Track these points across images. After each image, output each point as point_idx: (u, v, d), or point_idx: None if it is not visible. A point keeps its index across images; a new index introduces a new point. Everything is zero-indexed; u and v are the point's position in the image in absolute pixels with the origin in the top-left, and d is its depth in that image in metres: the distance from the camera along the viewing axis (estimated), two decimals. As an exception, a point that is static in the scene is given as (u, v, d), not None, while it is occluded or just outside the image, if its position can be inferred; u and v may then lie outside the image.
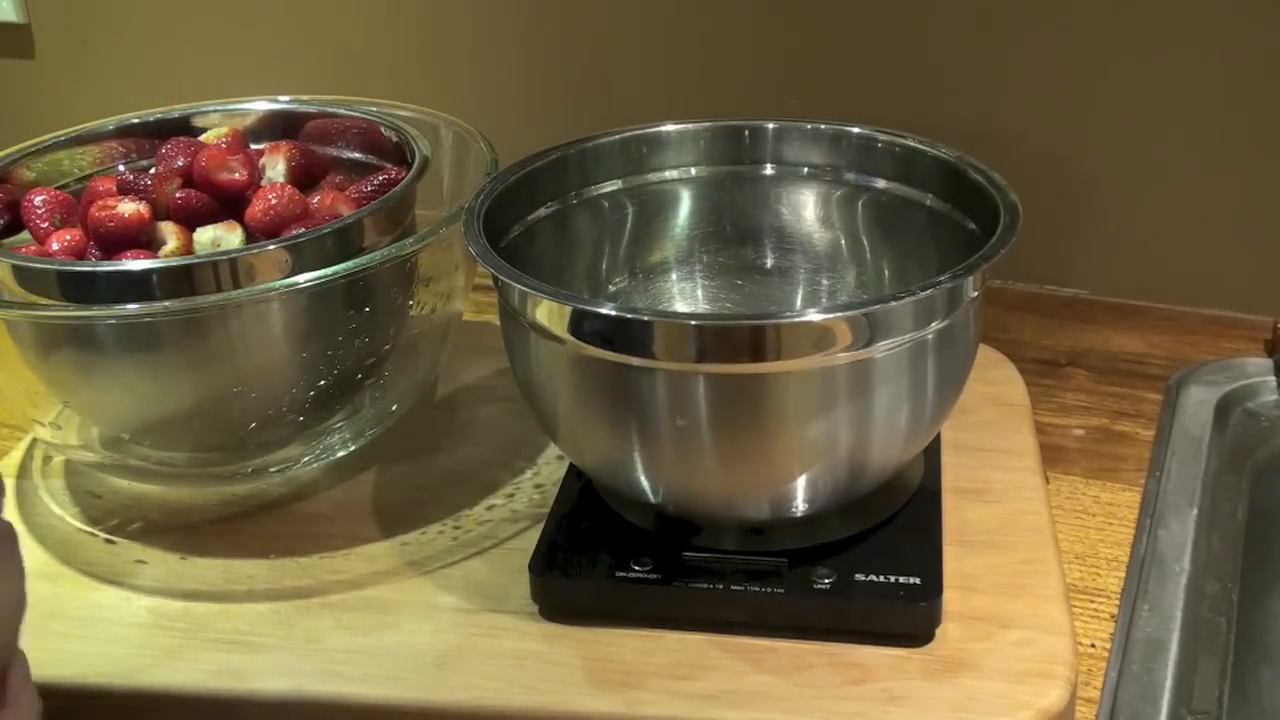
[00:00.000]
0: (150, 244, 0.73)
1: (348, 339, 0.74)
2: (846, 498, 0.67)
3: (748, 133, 0.79)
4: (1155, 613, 0.69)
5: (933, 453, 0.73)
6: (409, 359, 0.80)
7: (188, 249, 0.73)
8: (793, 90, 1.02)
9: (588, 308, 0.61)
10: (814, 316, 0.60)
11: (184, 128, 0.86)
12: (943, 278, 0.60)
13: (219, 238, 0.73)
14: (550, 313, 0.62)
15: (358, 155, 0.85)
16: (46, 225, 0.76)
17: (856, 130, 0.77)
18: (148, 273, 0.69)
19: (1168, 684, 0.65)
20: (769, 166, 0.79)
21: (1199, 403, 0.86)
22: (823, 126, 0.78)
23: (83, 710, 0.64)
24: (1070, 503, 0.79)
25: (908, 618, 0.63)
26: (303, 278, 0.68)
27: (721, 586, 0.64)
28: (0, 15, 1.21)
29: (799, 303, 0.79)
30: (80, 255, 0.74)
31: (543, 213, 0.75)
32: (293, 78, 1.03)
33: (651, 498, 0.66)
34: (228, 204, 0.75)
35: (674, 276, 0.80)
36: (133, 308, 0.68)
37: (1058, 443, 0.84)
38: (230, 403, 0.73)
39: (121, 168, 0.84)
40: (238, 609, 0.69)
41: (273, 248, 0.70)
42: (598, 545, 0.67)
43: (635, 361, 0.60)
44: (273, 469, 0.77)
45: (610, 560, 0.66)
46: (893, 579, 0.64)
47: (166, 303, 0.69)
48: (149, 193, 0.74)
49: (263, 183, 0.78)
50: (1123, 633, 0.68)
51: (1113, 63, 0.94)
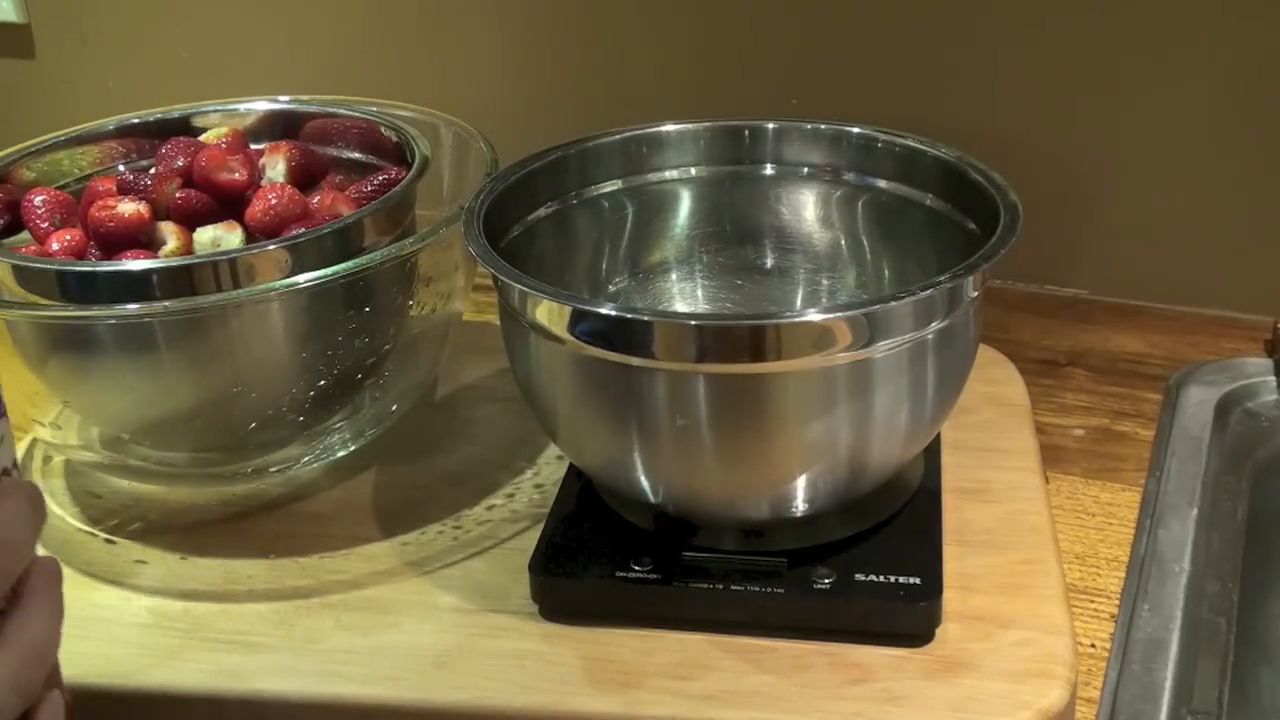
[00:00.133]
0: (150, 244, 0.73)
1: (348, 339, 0.74)
2: (846, 498, 0.67)
3: (748, 133, 0.79)
4: (1155, 613, 0.69)
5: (933, 453, 0.73)
6: (409, 359, 0.80)
7: (188, 249, 0.73)
8: (793, 90, 1.02)
9: (588, 308, 0.61)
10: (814, 316, 0.60)
11: (184, 128, 0.86)
12: (943, 278, 0.60)
13: (219, 238, 0.73)
14: (550, 313, 0.62)
15: (358, 155, 0.85)
16: (46, 225, 0.76)
17: (856, 130, 0.77)
18: (148, 273, 0.69)
19: (1168, 684, 0.65)
20: (769, 166, 0.79)
21: (1199, 403, 0.86)
22: (823, 126, 0.78)
23: (83, 710, 0.64)
24: (1070, 503, 0.79)
25: (908, 618, 0.63)
26: (303, 278, 0.68)
27: (721, 586, 0.64)
28: (0, 15, 1.21)
29: (799, 303, 0.79)
30: (80, 255, 0.74)
31: (543, 213, 0.75)
32: (293, 78, 1.03)
33: (651, 498, 0.66)
34: (228, 204, 0.75)
35: (674, 276, 0.80)
36: (133, 308, 0.68)
37: (1058, 443, 0.84)
38: (230, 403, 0.73)
39: (121, 168, 0.84)
40: (238, 609, 0.69)
41: (273, 248, 0.70)
42: (598, 545, 0.67)
43: (635, 361, 0.60)
44: (273, 469, 0.77)
45: (610, 560, 0.66)
46: (893, 579, 0.64)
47: (166, 303, 0.69)
48: (149, 193, 0.74)
49: (263, 183, 0.78)
50: (1123, 633, 0.68)
51: (1113, 63, 0.94)
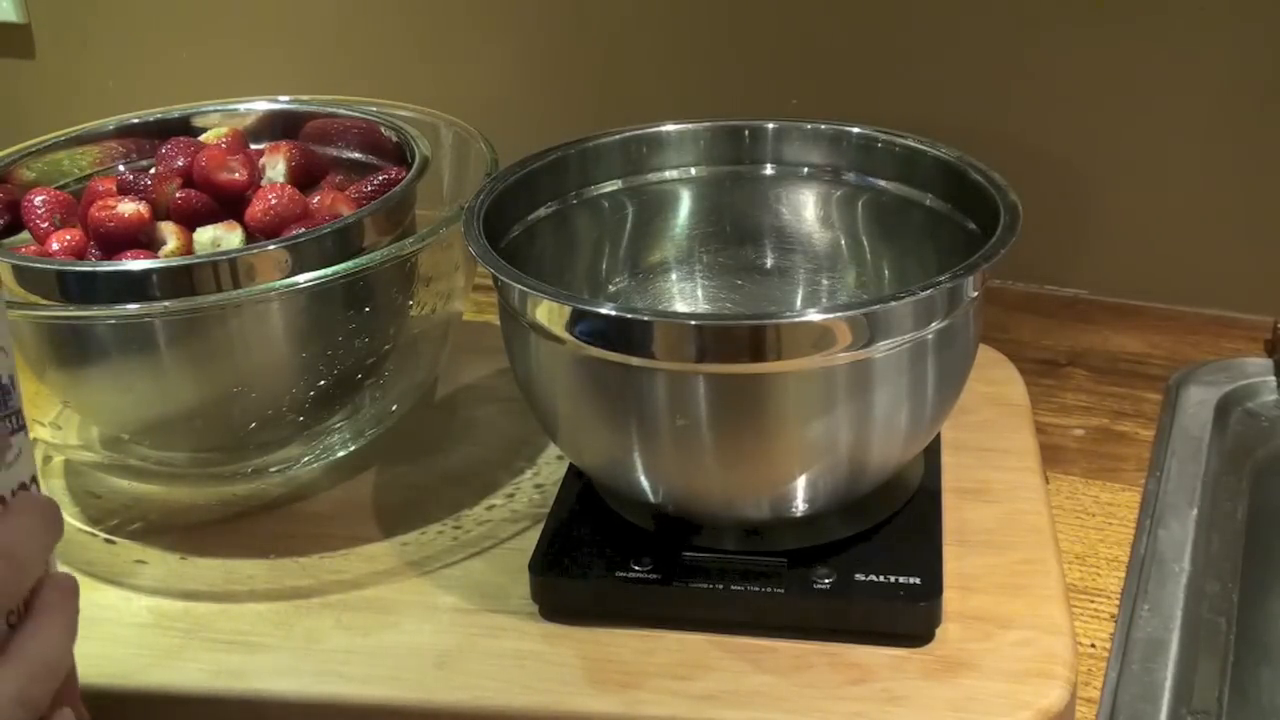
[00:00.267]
0: (150, 244, 0.73)
1: (348, 339, 0.74)
2: (846, 498, 0.67)
3: (748, 133, 0.79)
4: (1155, 613, 0.69)
5: (933, 453, 0.73)
6: (409, 359, 0.80)
7: (188, 249, 0.73)
8: (793, 90, 1.02)
9: (588, 308, 0.61)
10: (814, 316, 0.60)
11: (184, 128, 0.86)
12: (943, 278, 0.60)
13: (219, 238, 0.73)
14: (550, 313, 0.62)
15: (358, 155, 0.85)
16: (46, 225, 0.76)
17: (856, 130, 0.77)
18: (148, 273, 0.69)
19: (1168, 684, 0.65)
20: (769, 166, 0.79)
21: (1199, 403, 0.86)
22: (823, 126, 0.78)
23: (83, 710, 0.64)
24: (1070, 503, 0.79)
25: (908, 618, 0.63)
26: (303, 278, 0.68)
27: (721, 586, 0.64)
28: (0, 15, 1.21)
29: (799, 303, 0.79)
30: (80, 255, 0.74)
31: (543, 213, 0.75)
32: (293, 78, 1.03)
33: (651, 498, 0.66)
34: (228, 204, 0.75)
35: (674, 276, 0.80)
36: (133, 308, 0.68)
37: (1058, 443, 0.84)
38: (230, 403, 0.73)
39: (121, 168, 0.84)
40: (238, 609, 0.69)
41: (273, 248, 0.70)
42: (598, 545, 0.67)
43: (635, 361, 0.60)
44: (273, 469, 0.77)
45: (610, 560, 0.66)
46: (893, 579, 0.64)
47: (166, 303, 0.69)
48: (149, 193, 0.74)
49: (263, 183, 0.78)
50: (1123, 633, 0.68)
51: (1113, 63, 0.94)
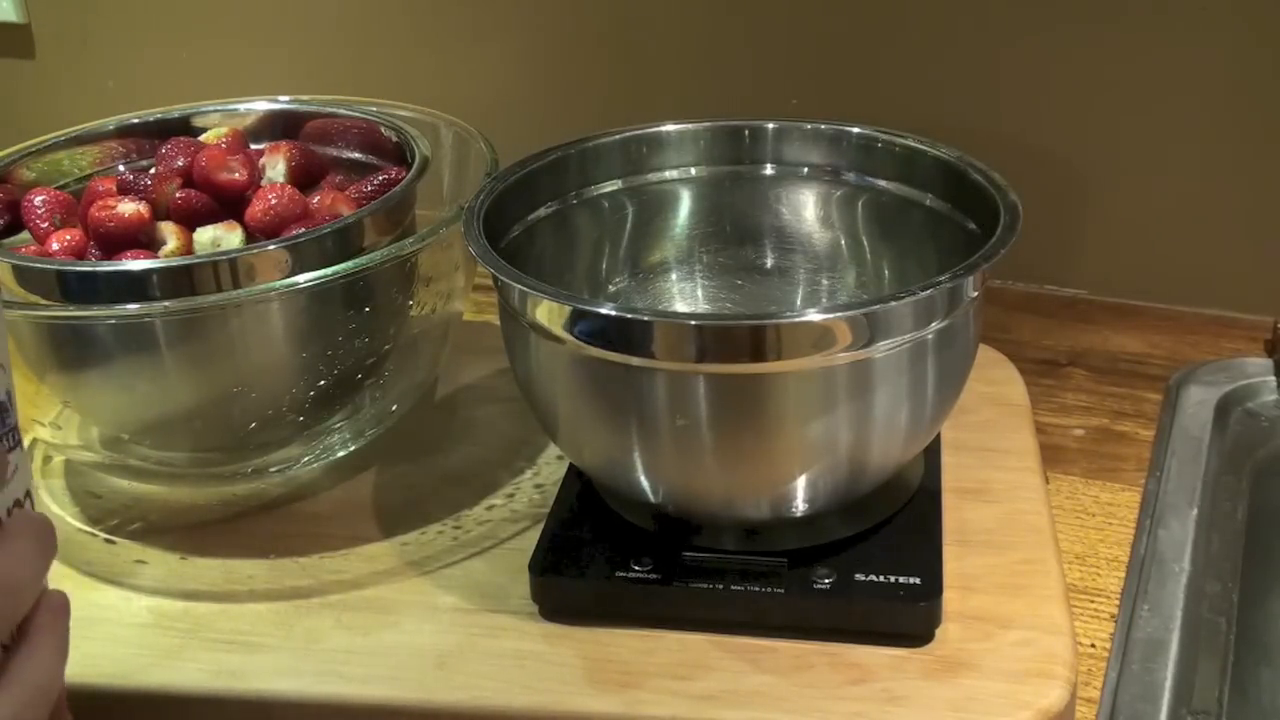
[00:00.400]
0: (150, 244, 0.73)
1: (348, 339, 0.74)
2: (846, 498, 0.67)
3: (748, 133, 0.78)
4: (1155, 613, 0.69)
5: (933, 453, 0.73)
6: (409, 359, 0.80)
7: (188, 249, 0.73)
8: (793, 90, 1.02)
9: (588, 308, 0.61)
10: (814, 316, 0.60)
11: (184, 128, 0.86)
12: (943, 278, 0.60)
13: (219, 238, 0.73)
14: (550, 313, 0.62)
15: (358, 155, 0.85)
16: (46, 225, 0.76)
17: (856, 130, 0.77)
18: (148, 273, 0.69)
19: (1168, 684, 0.65)
20: (769, 166, 0.79)
21: (1199, 403, 0.86)
22: (823, 126, 0.78)
23: (83, 710, 0.63)
24: (1070, 503, 0.79)
25: (908, 618, 0.63)
26: (303, 278, 0.68)
27: (721, 586, 0.64)
28: (0, 15, 1.21)
29: (799, 303, 0.79)
30: (80, 255, 0.74)
31: (543, 213, 0.75)
32: (293, 78, 1.03)
33: (651, 498, 0.66)
34: (228, 204, 0.75)
35: (674, 276, 0.80)
36: (133, 308, 0.68)
37: (1058, 443, 0.84)
38: (230, 403, 0.73)
39: (121, 168, 0.84)
40: (238, 609, 0.69)
41: (273, 248, 0.70)
42: (598, 545, 0.67)
43: (635, 361, 0.60)
44: (273, 469, 0.77)
45: (610, 560, 0.66)
46: (893, 579, 0.64)
47: (166, 303, 0.69)
48: (149, 193, 0.74)
49: (263, 183, 0.78)
50: (1123, 633, 0.68)
51: (1112, 62, 0.94)
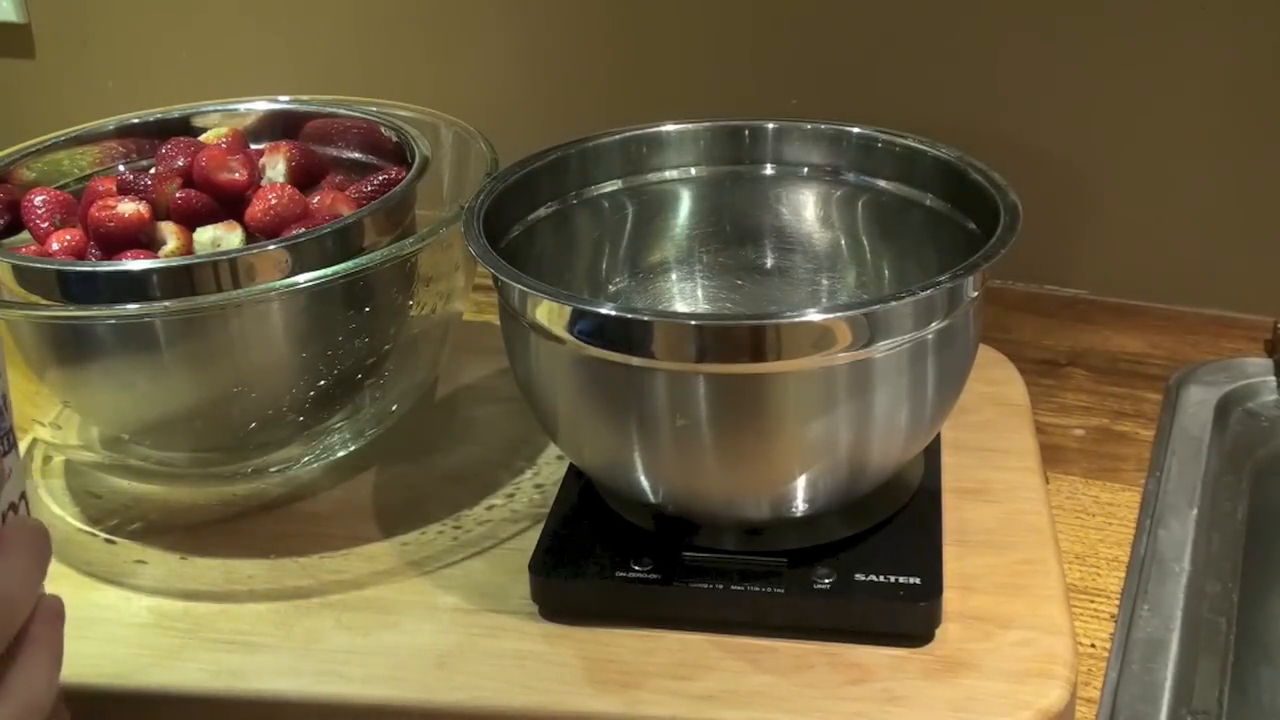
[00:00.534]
0: (150, 244, 0.73)
1: (348, 339, 0.74)
2: (846, 498, 0.67)
3: (748, 133, 0.78)
4: (1155, 613, 0.69)
5: (933, 453, 0.73)
6: (409, 359, 0.80)
7: (188, 249, 0.73)
8: (793, 90, 1.02)
9: (588, 308, 0.61)
10: (814, 316, 0.60)
11: (184, 128, 0.86)
12: (943, 278, 0.60)
13: (219, 238, 0.73)
14: (550, 313, 0.62)
15: (358, 155, 0.85)
16: (46, 225, 0.76)
17: (856, 130, 0.77)
18: (148, 273, 0.69)
19: (1168, 684, 0.65)
20: (769, 166, 0.79)
21: (1199, 403, 0.86)
22: (823, 126, 0.78)
23: (83, 710, 0.64)
24: (1070, 503, 0.79)
25: (908, 618, 0.63)
26: (303, 278, 0.68)
27: (721, 586, 0.64)
28: (0, 15, 1.21)
29: (799, 303, 0.79)
30: (80, 255, 0.74)
31: (543, 213, 0.75)
32: (293, 78, 1.03)
33: (651, 498, 0.66)
34: (228, 204, 0.75)
35: (674, 276, 0.80)
36: (133, 308, 0.68)
37: (1058, 443, 0.84)
38: (230, 403, 0.73)
39: (121, 168, 0.84)
40: (238, 609, 0.69)
41: (273, 248, 0.70)
42: (598, 545, 0.67)
43: (635, 361, 0.60)
44: (273, 469, 0.77)
45: (610, 560, 0.66)
46: (893, 579, 0.64)
47: (166, 303, 0.69)
48: (149, 193, 0.74)
49: (263, 183, 0.78)
50: (1123, 633, 0.68)
51: (1113, 63, 0.94)
